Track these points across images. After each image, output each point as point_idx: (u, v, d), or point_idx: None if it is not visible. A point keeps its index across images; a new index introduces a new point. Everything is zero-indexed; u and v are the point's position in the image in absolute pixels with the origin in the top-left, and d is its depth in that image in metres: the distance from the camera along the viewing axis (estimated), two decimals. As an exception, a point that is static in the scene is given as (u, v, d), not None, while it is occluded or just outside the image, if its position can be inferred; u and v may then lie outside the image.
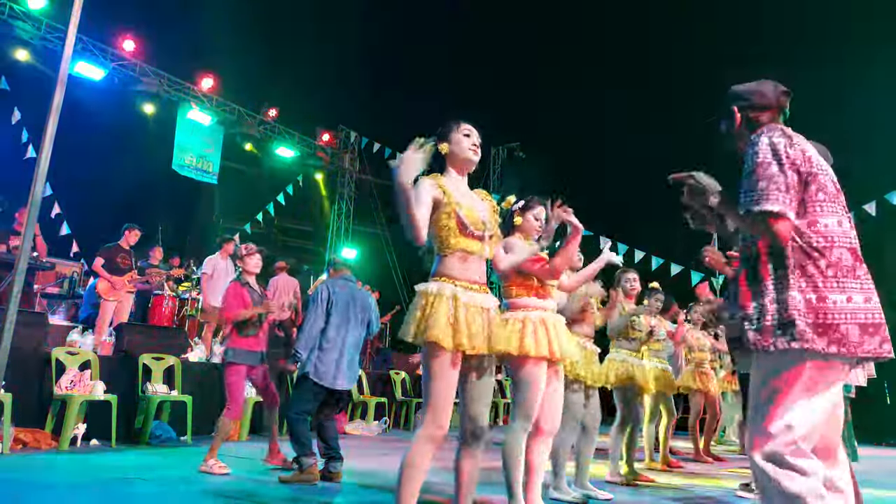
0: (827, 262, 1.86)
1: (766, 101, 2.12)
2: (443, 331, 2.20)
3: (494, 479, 3.37)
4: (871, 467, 6.35)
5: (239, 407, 4.47)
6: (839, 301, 1.83)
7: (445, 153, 2.45)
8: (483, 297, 2.38)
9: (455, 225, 2.33)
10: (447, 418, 2.23)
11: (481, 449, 2.41)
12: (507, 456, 2.98)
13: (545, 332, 3.02)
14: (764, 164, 1.92)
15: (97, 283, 7.24)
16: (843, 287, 1.84)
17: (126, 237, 7.36)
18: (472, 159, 2.49)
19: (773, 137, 1.96)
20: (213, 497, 3.49)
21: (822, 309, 1.82)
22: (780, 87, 2.15)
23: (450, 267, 2.34)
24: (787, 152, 1.92)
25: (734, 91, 2.20)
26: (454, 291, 2.29)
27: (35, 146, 9.45)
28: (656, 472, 5.50)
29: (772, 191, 1.88)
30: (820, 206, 1.91)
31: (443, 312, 2.23)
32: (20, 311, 3.51)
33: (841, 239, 1.89)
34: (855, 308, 1.83)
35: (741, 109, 2.15)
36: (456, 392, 2.32)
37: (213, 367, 6.71)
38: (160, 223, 9.26)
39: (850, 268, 1.87)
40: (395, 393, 8.75)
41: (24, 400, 4.98)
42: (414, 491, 2.20)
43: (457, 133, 2.47)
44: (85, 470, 4.14)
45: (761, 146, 1.95)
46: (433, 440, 2.20)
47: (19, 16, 9.46)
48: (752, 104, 2.13)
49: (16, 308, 3.10)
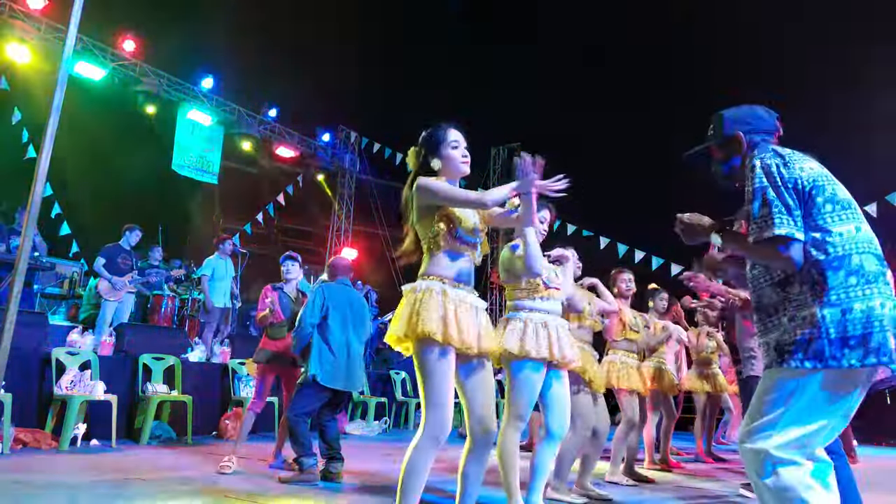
0: (847, 272, 1.79)
1: (768, 125, 2.06)
2: (435, 324, 2.19)
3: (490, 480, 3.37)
4: (872, 467, 6.34)
5: (259, 403, 4.57)
6: (865, 309, 1.76)
7: (437, 170, 2.42)
8: (473, 297, 2.38)
9: (447, 230, 2.34)
10: (448, 417, 2.21)
11: (489, 452, 2.39)
12: (503, 457, 2.98)
13: (546, 334, 3.02)
14: (761, 190, 1.87)
15: (98, 283, 7.25)
16: (870, 294, 1.77)
17: (126, 237, 7.40)
18: (465, 173, 2.49)
19: (765, 160, 1.91)
20: (214, 497, 3.49)
21: (848, 322, 1.75)
22: (772, 112, 2.09)
23: (439, 266, 2.35)
24: (780, 173, 1.87)
25: (732, 115, 2.10)
26: (443, 288, 2.29)
27: (35, 146, 9.47)
28: (656, 471, 5.51)
29: (774, 215, 1.82)
30: (830, 217, 1.85)
31: (433, 307, 2.23)
32: (20, 311, 3.51)
33: (860, 245, 1.83)
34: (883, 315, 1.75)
35: (746, 134, 2.05)
36: (455, 392, 2.31)
37: (213, 367, 6.71)
38: (160, 223, 9.26)
39: (876, 274, 1.80)
40: (395, 393, 8.75)
41: (24, 400, 4.98)
42: (416, 492, 2.19)
43: (445, 147, 2.44)
44: (85, 470, 4.14)
45: (756, 171, 1.90)
46: (435, 441, 2.18)
47: (19, 16, 9.45)
48: (756, 129, 2.05)
49: (16, 308, 3.10)
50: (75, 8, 3.44)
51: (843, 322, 1.75)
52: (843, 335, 1.74)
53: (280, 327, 4.66)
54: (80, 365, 5.34)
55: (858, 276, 1.78)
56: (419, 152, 2.48)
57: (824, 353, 1.74)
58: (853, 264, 1.80)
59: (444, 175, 2.43)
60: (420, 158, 2.46)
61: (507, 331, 3.06)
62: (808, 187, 1.87)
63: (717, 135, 2.12)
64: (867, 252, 1.83)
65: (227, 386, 6.61)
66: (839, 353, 1.73)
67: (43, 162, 3.28)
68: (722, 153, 2.12)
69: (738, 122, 2.07)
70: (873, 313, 1.75)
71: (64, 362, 5.26)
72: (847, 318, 1.75)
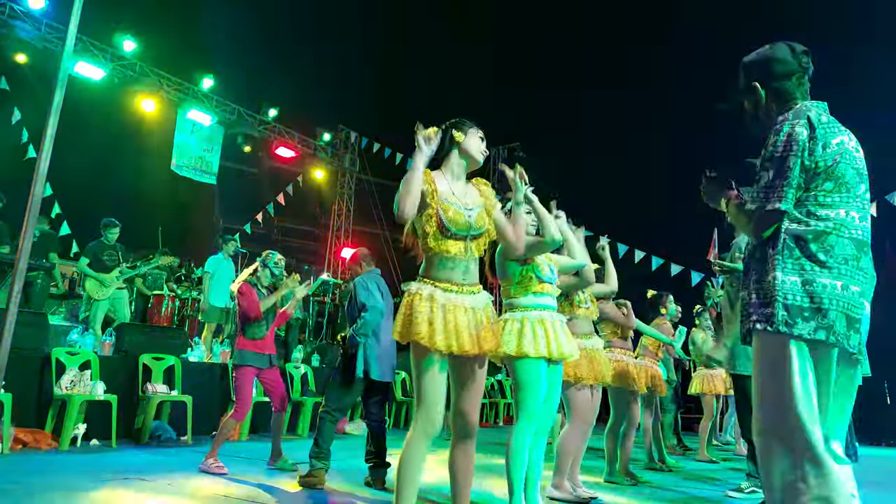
0: (819, 247, 1.81)
1: (788, 67, 1.95)
2: (423, 329, 2.25)
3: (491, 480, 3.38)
4: (872, 467, 6.34)
5: (245, 409, 4.49)
6: (829, 286, 1.78)
7: (459, 142, 2.48)
8: (467, 298, 2.37)
9: (435, 229, 2.34)
10: (438, 415, 2.30)
11: (473, 444, 2.44)
12: (511, 455, 2.98)
13: (544, 331, 3.02)
14: (779, 160, 1.84)
15: (85, 282, 7.16)
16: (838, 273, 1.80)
17: (106, 233, 7.23)
18: (479, 161, 2.55)
19: (796, 127, 1.85)
20: (214, 497, 3.49)
21: (809, 293, 1.78)
22: (796, 47, 1.97)
23: (430, 268, 2.39)
24: (805, 147, 1.83)
25: (748, 63, 2.03)
26: (432, 292, 2.32)
27: (35, 146, 9.45)
28: (655, 472, 5.51)
29: (784, 188, 1.81)
30: (824, 196, 1.85)
31: (421, 312, 2.28)
32: (20, 311, 3.51)
33: (840, 227, 1.84)
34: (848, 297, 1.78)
35: (763, 84, 1.99)
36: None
37: (213, 367, 6.71)
38: (160, 223, 9.25)
39: (851, 258, 1.82)
40: (396, 393, 8.75)
41: (24, 400, 4.98)
42: (413, 489, 2.26)
43: (472, 130, 2.53)
44: (85, 470, 4.14)
45: (782, 137, 1.85)
46: (426, 437, 2.28)
47: (19, 16, 9.45)
48: (773, 74, 1.97)
49: (16, 308, 3.10)
50: (75, 8, 3.44)
51: (807, 293, 1.78)
52: (804, 304, 1.78)
53: (259, 326, 4.58)
54: (80, 365, 5.34)
55: (829, 255, 1.81)
56: (443, 130, 2.49)
57: (787, 320, 1.77)
58: (827, 242, 1.82)
59: (462, 153, 2.50)
60: (442, 135, 2.47)
61: (505, 332, 3.06)
62: (823, 167, 1.85)
63: (741, 85, 2.06)
64: (846, 237, 1.84)
65: (227, 386, 6.59)
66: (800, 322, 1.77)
67: (43, 162, 3.28)
68: (749, 104, 2.07)
69: (753, 69, 2.02)
70: (836, 292, 1.78)
71: (64, 362, 5.26)
72: (808, 289, 1.78)
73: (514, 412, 3.09)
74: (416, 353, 2.32)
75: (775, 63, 1.96)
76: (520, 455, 2.98)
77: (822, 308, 1.76)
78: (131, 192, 10.68)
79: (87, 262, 7.04)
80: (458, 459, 2.45)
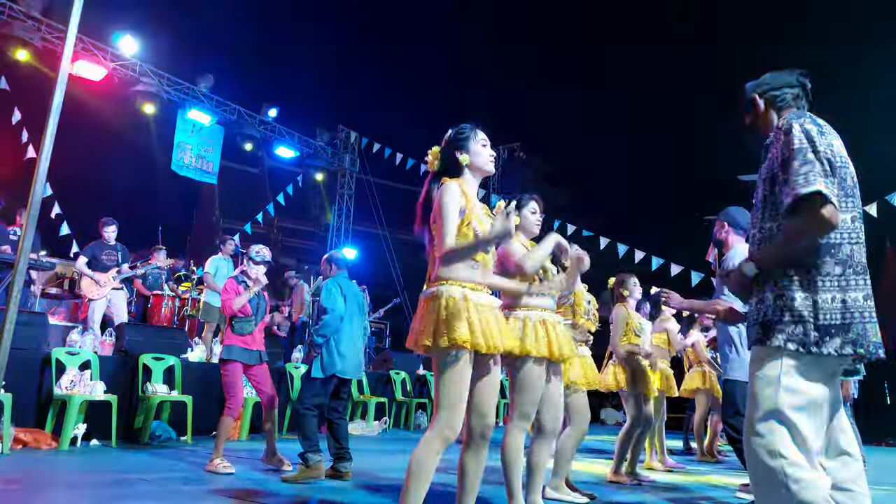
0: (836, 260, 1.82)
1: (787, 81, 2.06)
2: (465, 331, 2.23)
3: (492, 479, 3.37)
4: (871, 467, 6.34)
5: (238, 404, 4.49)
6: (849, 300, 1.79)
7: (466, 164, 2.46)
8: (491, 298, 2.45)
9: (472, 236, 2.37)
10: (461, 420, 2.27)
11: (486, 447, 2.42)
12: (507, 456, 2.98)
13: (545, 332, 3.02)
14: (802, 150, 1.83)
15: (81, 282, 7.14)
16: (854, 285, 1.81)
17: (103, 232, 7.19)
18: (491, 170, 2.56)
19: (805, 124, 1.87)
20: (215, 496, 3.48)
21: (831, 309, 1.78)
22: (797, 70, 2.08)
23: (458, 271, 2.37)
24: (819, 140, 1.84)
25: (750, 84, 2.13)
26: (464, 293, 2.32)
27: (35, 146, 9.46)
28: (655, 472, 5.51)
29: (816, 173, 1.78)
30: (837, 201, 1.83)
31: (460, 315, 2.26)
32: (20, 311, 3.51)
33: (851, 235, 1.85)
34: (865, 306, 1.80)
35: (762, 94, 2.09)
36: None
37: (213, 368, 6.70)
38: (160, 223, 9.25)
39: (862, 266, 1.84)
40: (396, 393, 8.75)
41: (24, 400, 4.98)
42: (421, 491, 2.21)
43: (475, 143, 2.49)
44: (85, 470, 4.14)
45: (795, 132, 1.86)
46: (445, 441, 2.23)
47: (19, 16, 9.45)
48: (772, 85, 2.07)
49: (16, 308, 3.10)
50: (75, 8, 3.44)
51: (827, 310, 1.78)
52: (824, 322, 1.77)
53: (247, 322, 4.61)
54: (80, 365, 5.34)
55: (844, 266, 1.82)
56: (444, 149, 2.50)
57: (809, 339, 1.77)
58: (843, 253, 1.83)
59: (471, 170, 2.49)
60: (445, 154, 2.48)
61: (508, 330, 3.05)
62: (835, 164, 1.86)
63: (744, 103, 2.16)
64: (855, 243, 1.86)
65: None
66: (825, 340, 1.76)
67: (43, 162, 3.28)
68: (749, 117, 2.15)
69: (754, 87, 2.11)
70: (858, 304, 1.79)
71: (64, 362, 5.26)
72: (830, 306, 1.79)
73: (509, 411, 3.08)
74: (453, 358, 2.25)
75: (775, 77, 2.08)
76: (517, 457, 2.98)
77: (847, 323, 1.77)
78: (131, 192, 10.69)
79: (86, 262, 7.03)
80: (470, 462, 2.42)
